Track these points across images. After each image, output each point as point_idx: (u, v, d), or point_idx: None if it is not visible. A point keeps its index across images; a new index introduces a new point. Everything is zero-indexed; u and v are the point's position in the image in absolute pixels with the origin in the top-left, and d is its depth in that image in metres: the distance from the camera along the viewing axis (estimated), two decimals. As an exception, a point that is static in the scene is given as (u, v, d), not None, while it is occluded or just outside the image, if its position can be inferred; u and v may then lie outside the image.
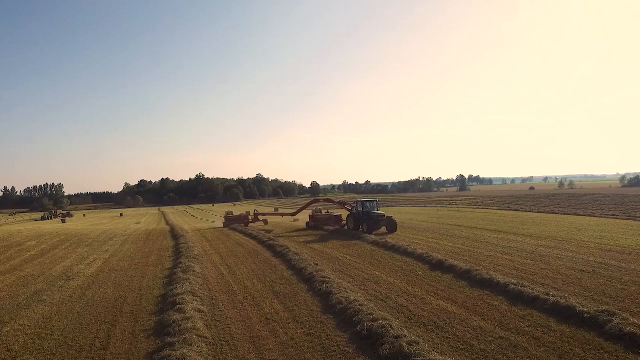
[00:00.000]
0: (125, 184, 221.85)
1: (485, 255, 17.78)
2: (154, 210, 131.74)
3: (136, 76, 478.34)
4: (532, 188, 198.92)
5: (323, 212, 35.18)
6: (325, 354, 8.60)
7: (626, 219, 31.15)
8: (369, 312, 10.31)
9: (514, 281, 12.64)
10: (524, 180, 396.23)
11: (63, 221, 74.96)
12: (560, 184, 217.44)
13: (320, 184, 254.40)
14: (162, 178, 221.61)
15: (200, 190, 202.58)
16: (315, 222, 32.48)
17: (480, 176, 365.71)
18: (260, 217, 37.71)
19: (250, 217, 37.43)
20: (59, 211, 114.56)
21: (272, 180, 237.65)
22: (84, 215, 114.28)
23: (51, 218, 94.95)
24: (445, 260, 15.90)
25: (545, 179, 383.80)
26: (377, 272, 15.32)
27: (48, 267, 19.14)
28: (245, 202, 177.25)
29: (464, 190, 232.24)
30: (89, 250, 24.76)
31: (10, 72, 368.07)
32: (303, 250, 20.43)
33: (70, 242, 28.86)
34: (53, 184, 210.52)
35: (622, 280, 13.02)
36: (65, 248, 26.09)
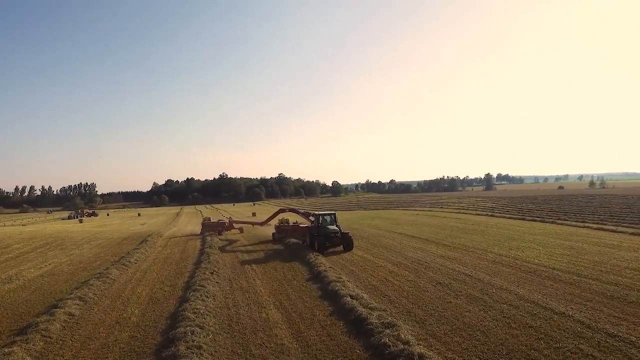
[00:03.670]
0: (154, 183, 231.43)
1: (377, 265, 19.15)
2: (175, 209, 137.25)
3: (167, 81, 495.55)
4: (561, 187, 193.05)
5: (291, 223, 33.53)
6: (128, 353, 10.44)
7: (579, 227, 31.26)
8: (193, 319, 12.09)
9: (353, 293, 14.07)
10: (557, 178, 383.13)
11: (80, 221, 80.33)
12: (592, 183, 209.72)
13: (343, 184, 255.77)
14: (188, 178, 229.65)
15: (223, 189, 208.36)
16: (280, 234, 31.11)
17: (510, 175, 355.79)
18: (236, 226, 39.26)
19: (226, 225, 38.66)
20: (85, 210, 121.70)
21: (294, 179, 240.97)
22: (107, 215, 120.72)
23: (76, 217, 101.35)
24: (325, 270, 17.42)
25: (581, 177, 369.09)
26: (258, 281, 17.05)
27: (3, 271, 21.83)
28: (266, 201, 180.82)
29: (489, 189, 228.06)
30: (58, 254, 27.56)
31: (52, 75, 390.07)
32: (224, 260, 22.29)
33: (50, 246, 31.89)
34: (87, 183, 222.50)
35: (460, 294, 14.20)
36: (41, 252, 29.00)
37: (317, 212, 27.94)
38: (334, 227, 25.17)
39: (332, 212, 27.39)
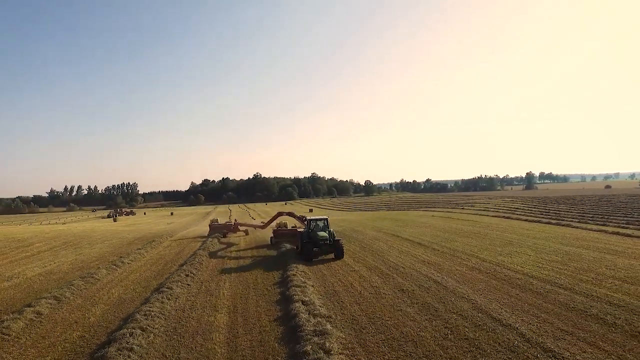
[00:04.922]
0: (192, 183, 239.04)
1: (351, 270, 19.11)
2: (208, 209, 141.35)
3: (201, 83, 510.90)
4: (608, 187, 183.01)
5: (289, 227, 32.93)
6: (67, 353, 11.02)
7: (592, 230, 29.59)
8: (140, 320, 12.56)
9: (306, 299, 14.14)
10: (607, 177, 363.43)
11: (115, 220, 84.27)
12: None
13: (378, 183, 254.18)
14: (223, 178, 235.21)
15: (257, 189, 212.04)
16: (277, 238, 30.79)
17: (554, 173, 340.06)
18: (241, 228, 39.68)
19: (231, 227, 39.08)
20: (123, 210, 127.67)
21: (327, 179, 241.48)
22: (144, 213, 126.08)
23: (114, 216, 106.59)
24: (294, 275, 17.55)
25: (632, 175, 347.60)
26: (227, 284, 17.44)
27: (11, 269, 23.34)
28: (299, 201, 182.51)
29: (530, 189, 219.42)
30: (69, 253, 29.16)
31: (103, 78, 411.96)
32: (209, 263, 22.82)
33: (66, 245, 33.77)
34: (129, 183, 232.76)
35: (416, 302, 13.94)
36: (55, 251, 30.77)
37: (308, 217, 27.09)
38: (325, 233, 23.48)
39: (324, 217, 26.42)
